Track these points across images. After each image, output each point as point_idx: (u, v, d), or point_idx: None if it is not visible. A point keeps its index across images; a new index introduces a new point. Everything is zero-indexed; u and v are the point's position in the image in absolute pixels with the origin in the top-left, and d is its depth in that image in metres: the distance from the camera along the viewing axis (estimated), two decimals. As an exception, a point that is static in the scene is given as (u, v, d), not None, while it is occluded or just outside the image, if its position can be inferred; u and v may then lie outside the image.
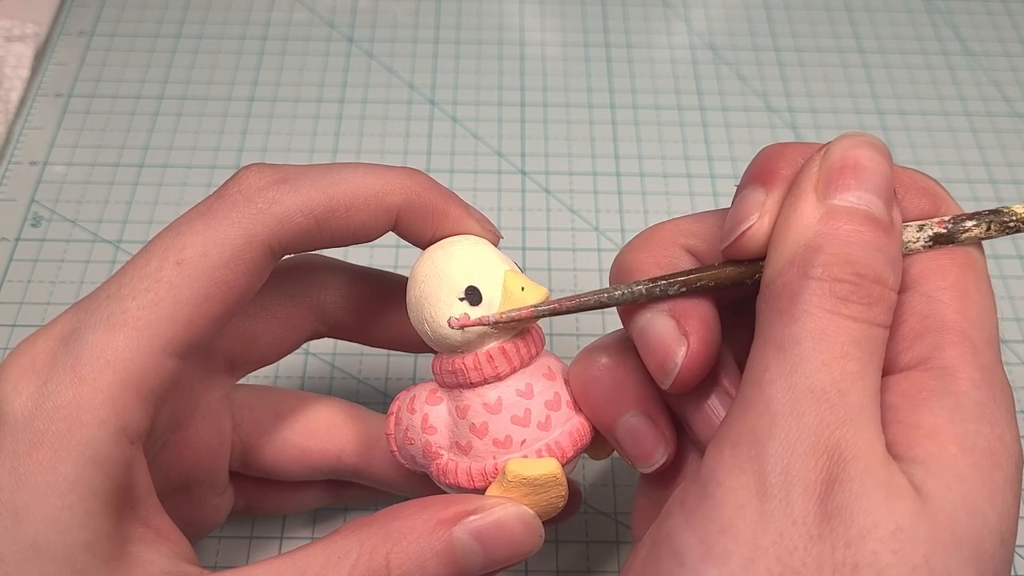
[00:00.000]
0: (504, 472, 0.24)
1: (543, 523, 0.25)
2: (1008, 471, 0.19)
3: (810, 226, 0.21)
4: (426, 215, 0.26)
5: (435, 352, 0.26)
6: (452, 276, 0.25)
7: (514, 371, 0.25)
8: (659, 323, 0.24)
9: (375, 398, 0.38)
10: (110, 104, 0.48)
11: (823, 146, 0.22)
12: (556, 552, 0.34)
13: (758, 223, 0.22)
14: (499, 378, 0.25)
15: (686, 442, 0.26)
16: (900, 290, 0.21)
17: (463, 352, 0.25)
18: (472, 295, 0.24)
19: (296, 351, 0.30)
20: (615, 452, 0.27)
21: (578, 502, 0.30)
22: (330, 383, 0.38)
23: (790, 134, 0.48)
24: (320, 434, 0.30)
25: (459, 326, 0.24)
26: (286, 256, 0.25)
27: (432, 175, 0.26)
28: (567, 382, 0.26)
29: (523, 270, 0.26)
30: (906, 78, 0.50)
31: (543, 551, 0.29)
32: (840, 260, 0.20)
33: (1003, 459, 0.19)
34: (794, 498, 0.18)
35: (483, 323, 0.24)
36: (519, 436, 0.25)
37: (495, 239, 0.27)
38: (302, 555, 0.23)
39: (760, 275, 0.22)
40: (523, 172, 0.46)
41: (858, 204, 0.21)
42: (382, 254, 0.41)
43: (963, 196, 0.45)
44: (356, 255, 0.36)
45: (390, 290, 0.29)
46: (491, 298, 0.24)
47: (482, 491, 0.25)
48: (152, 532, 0.23)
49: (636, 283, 0.24)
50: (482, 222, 0.27)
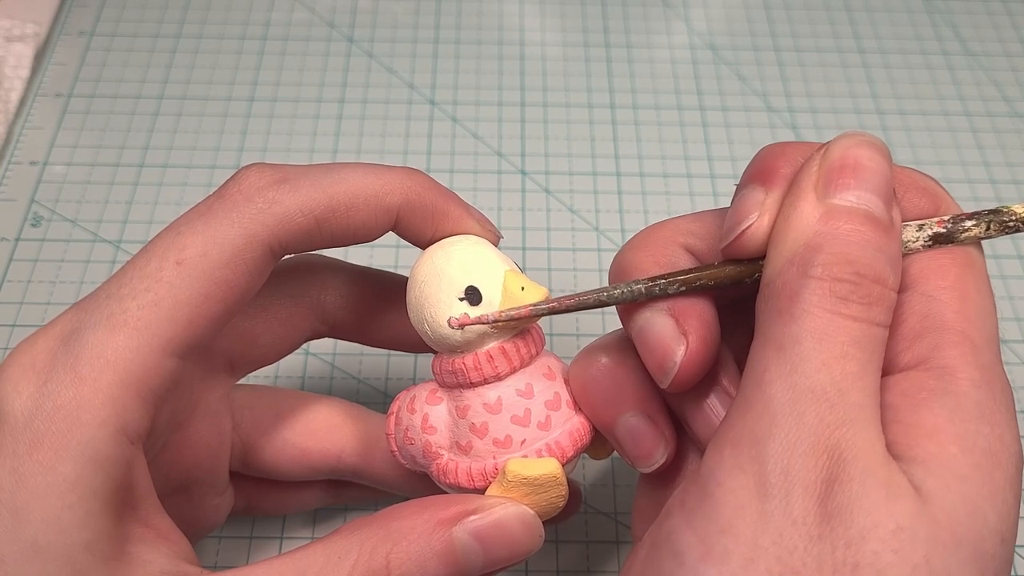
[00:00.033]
0: (504, 472, 0.24)
1: (543, 523, 0.25)
2: (1008, 471, 0.19)
3: (810, 225, 0.21)
4: (426, 215, 0.26)
5: (435, 352, 0.26)
6: (452, 276, 0.25)
7: (514, 371, 0.25)
8: (658, 322, 0.24)
9: (375, 398, 0.38)
10: (110, 104, 0.48)
11: (823, 145, 0.22)
12: (556, 552, 0.34)
13: (758, 222, 0.22)
14: (499, 378, 0.25)
15: (686, 442, 0.26)
16: (899, 290, 0.21)
17: (463, 352, 0.25)
18: (472, 295, 0.24)
19: (296, 351, 0.30)
20: (615, 452, 0.27)
21: (578, 502, 0.30)
22: (330, 383, 0.38)
23: (790, 134, 0.48)
24: (320, 434, 0.30)
25: (459, 325, 0.24)
26: (286, 256, 0.25)
27: (432, 175, 0.26)
28: (567, 382, 0.26)
29: (523, 270, 0.26)
30: (906, 78, 0.50)
31: (543, 551, 0.29)
32: (840, 260, 0.20)
33: (1003, 459, 0.19)
34: (794, 498, 0.18)
35: (482, 322, 0.24)
36: (519, 436, 0.25)
37: (495, 239, 0.27)
38: (302, 555, 0.23)
39: (759, 274, 0.22)
40: (523, 172, 0.46)
41: (858, 203, 0.21)
42: (382, 254, 0.41)
43: (963, 196, 0.45)
44: (356, 255, 0.36)
45: (390, 290, 0.29)
46: (491, 298, 0.24)
47: (482, 491, 0.25)
48: (152, 532, 0.23)
49: (635, 282, 0.24)
50: (482, 222, 0.27)
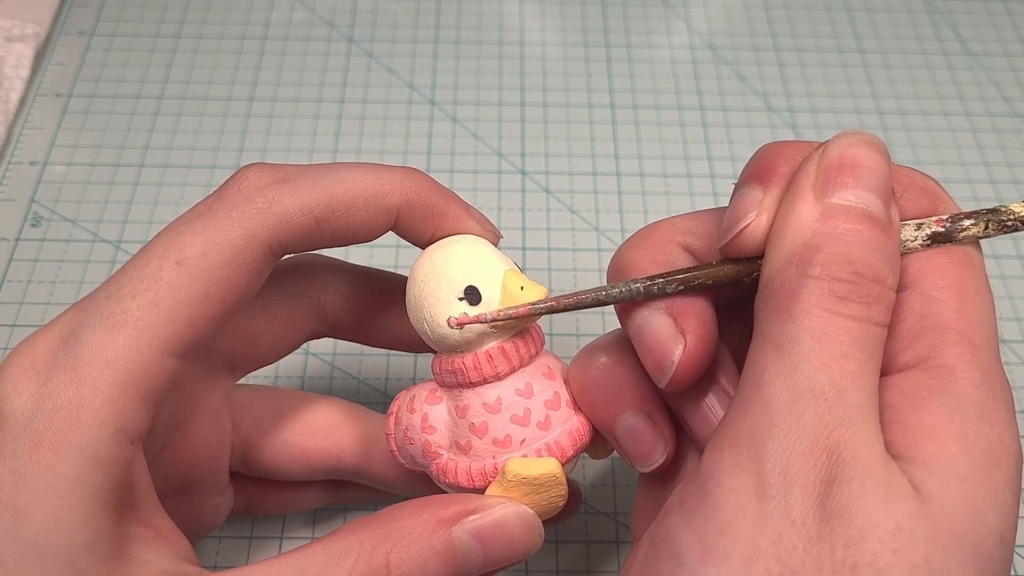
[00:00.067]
0: (504, 472, 0.24)
1: (543, 523, 0.25)
2: (1008, 471, 0.19)
3: (808, 225, 0.21)
4: (426, 215, 0.26)
5: (435, 352, 0.26)
6: (451, 276, 0.25)
7: (513, 371, 0.25)
8: (656, 321, 0.24)
9: (375, 398, 0.38)
10: (110, 104, 0.48)
11: (821, 144, 0.22)
12: (556, 552, 0.34)
13: (756, 221, 0.22)
14: (498, 377, 0.25)
15: (685, 442, 0.26)
16: (898, 289, 0.21)
17: (463, 352, 0.25)
18: (471, 295, 0.24)
19: (296, 351, 0.30)
20: (615, 452, 0.27)
21: (578, 502, 0.30)
22: (330, 383, 0.38)
23: (790, 134, 0.48)
24: (320, 434, 0.30)
25: (458, 324, 0.24)
26: (286, 256, 0.25)
27: (432, 175, 0.26)
28: (566, 381, 0.26)
29: (523, 270, 0.26)
30: (906, 78, 0.50)
31: (543, 551, 0.29)
32: (839, 259, 0.20)
33: (1003, 459, 0.19)
34: (793, 498, 0.18)
35: (481, 320, 0.24)
36: (519, 435, 0.25)
37: (495, 239, 0.27)
38: (302, 555, 0.23)
39: (758, 273, 0.22)
40: (523, 172, 0.46)
41: (856, 203, 0.21)
42: (382, 254, 0.41)
43: (963, 196, 0.45)
44: (356, 255, 0.36)
45: (390, 290, 0.29)
46: (490, 297, 0.24)
47: (482, 491, 0.25)
48: (152, 532, 0.23)
49: (634, 281, 0.24)
50: (482, 222, 0.27)
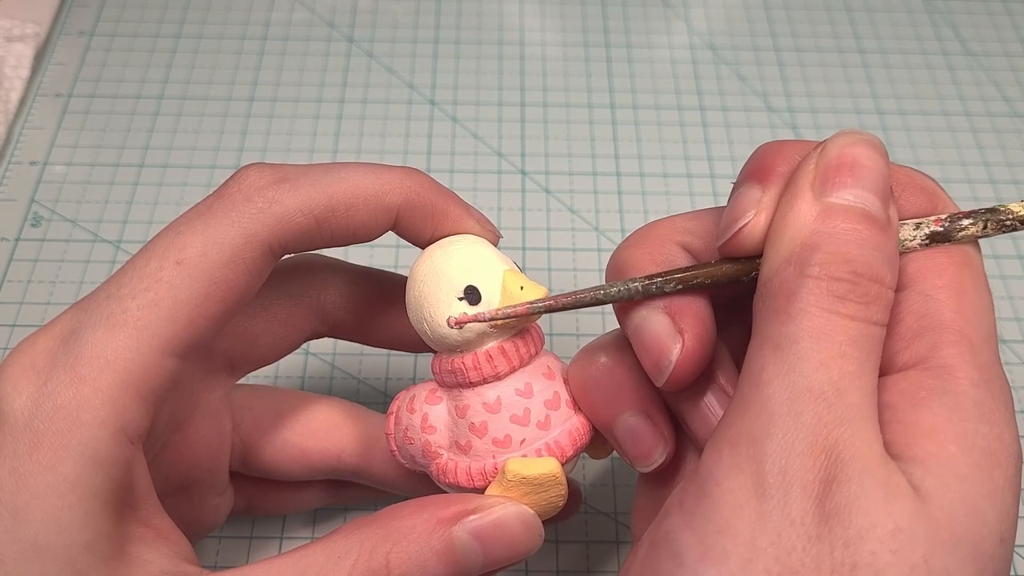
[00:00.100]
0: (504, 471, 0.24)
1: (543, 523, 0.25)
2: (1007, 470, 0.19)
3: (807, 224, 0.21)
4: (426, 215, 0.26)
5: (435, 352, 0.26)
6: (451, 275, 0.25)
7: (513, 370, 0.25)
8: (654, 320, 0.24)
9: (375, 398, 0.38)
10: (110, 104, 0.48)
11: (820, 143, 0.22)
12: (556, 552, 0.34)
13: (754, 220, 0.22)
14: (498, 377, 0.25)
15: (685, 441, 0.26)
16: (897, 289, 0.21)
17: (462, 351, 0.25)
18: (471, 294, 0.24)
19: (296, 351, 0.30)
20: (614, 451, 0.27)
21: (578, 502, 0.30)
22: (330, 383, 0.38)
23: (790, 134, 0.48)
24: (320, 434, 0.30)
25: (457, 323, 0.24)
26: (286, 256, 0.25)
27: (432, 175, 0.26)
28: (566, 381, 0.26)
29: (523, 270, 0.26)
30: (906, 78, 0.50)
31: (543, 551, 0.29)
32: (837, 259, 0.20)
33: (1002, 458, 0.19)
34: (792, 498, 0.18)
35: (480, 319, 0.24)
36: (518, 435, 0.25)
37: (495, 239, 0.27)
38: (302, 555, 0.23)
39: (756, 272, 0.22)
40: (523, 172, 0.46)
41: (855, 202, 0.21)
42: (382, 254, 0.41)
43: (963, 196, 0.45)
44: (356, 255, 0.36)
45: (390, 290, 0.29)
46: (490, 297, 0.24)
47: (482, 490, 0.25)
48: (152, 532, 0.23)
49: (632, 280, 0.24)
50: (482, 222, 0.27)
